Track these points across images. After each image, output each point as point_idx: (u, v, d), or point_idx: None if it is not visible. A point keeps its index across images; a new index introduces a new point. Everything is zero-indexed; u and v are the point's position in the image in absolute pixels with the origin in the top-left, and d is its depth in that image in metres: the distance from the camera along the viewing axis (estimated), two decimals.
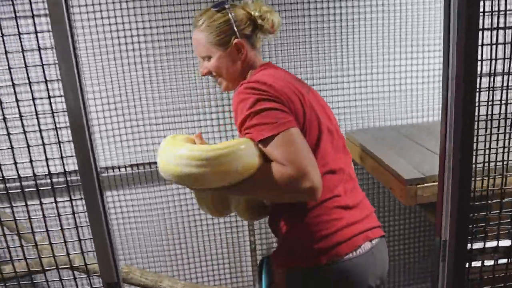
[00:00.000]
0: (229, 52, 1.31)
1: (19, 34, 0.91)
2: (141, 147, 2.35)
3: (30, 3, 0.89)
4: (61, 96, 0.92)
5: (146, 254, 2.53)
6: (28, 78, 0.92)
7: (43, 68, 0.93)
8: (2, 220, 1.06)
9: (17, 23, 0.90)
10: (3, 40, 0.89)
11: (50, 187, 0.96)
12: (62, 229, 1.02)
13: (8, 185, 1.02)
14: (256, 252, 2.58)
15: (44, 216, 1.02)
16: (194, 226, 2.51)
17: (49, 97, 0.94)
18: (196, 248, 2.56)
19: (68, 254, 1.05)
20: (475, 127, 0.95)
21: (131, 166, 2.36)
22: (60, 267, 1.07)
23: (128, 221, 2.46)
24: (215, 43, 1.30)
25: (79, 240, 1.03)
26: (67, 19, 0.88)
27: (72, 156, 0.96)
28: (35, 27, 0.89)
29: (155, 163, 2.26)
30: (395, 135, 2.21)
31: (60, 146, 0.97)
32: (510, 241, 1.06)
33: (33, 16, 0.90)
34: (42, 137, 0.96)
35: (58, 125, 0.96)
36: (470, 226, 1.01)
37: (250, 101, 1.14)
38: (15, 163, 0.97)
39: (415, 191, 1.61)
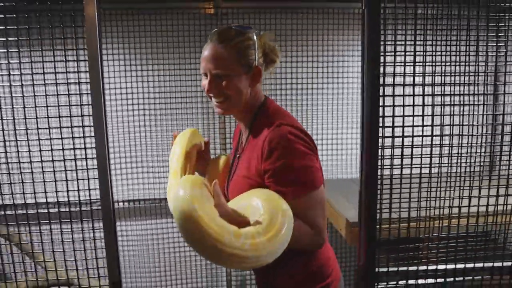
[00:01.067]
0: (251, 76, 1.29)
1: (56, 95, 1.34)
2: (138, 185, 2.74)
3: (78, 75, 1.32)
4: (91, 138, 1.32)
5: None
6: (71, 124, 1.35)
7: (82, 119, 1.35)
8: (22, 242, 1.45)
9: (69, 90, 1.33)
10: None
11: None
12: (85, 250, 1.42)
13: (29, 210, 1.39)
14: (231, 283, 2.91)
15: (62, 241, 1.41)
16: (179, 257, 2.86)
17: (85, 147, 1.36)
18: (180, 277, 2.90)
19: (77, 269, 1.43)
20: (379, 183, 1.36)
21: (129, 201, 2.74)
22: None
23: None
24: (243, 64, 1.26)
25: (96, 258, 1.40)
26: (101, 82, 1.27)
27: (95, 188, 1.36)
28: (79, 87, 1.31)
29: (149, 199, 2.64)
30: (351, 185, 2.64)
31: (88, 182, 1.38)
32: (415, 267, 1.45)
33: (79, 83, 1.33)
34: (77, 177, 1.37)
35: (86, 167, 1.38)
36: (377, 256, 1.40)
37: (297, 152, 1.17)
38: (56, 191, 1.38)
39: (356, 233, 2.02)
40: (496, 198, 1.35)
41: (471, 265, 1.42)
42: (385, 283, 1.44)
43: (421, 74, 1.23)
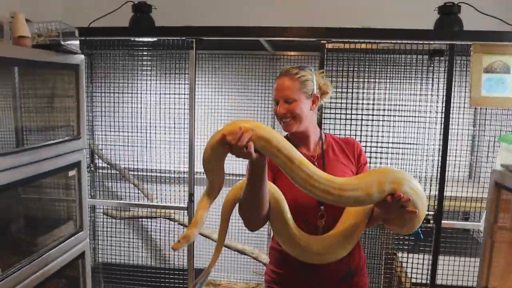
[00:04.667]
0: (310, 101, 1.55)
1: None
2: None
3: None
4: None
5: None
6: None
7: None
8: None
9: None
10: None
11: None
12: None
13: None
14: None
15: None
16: None
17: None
18: None
19: None
20: None
21: None
22: None
23: None
24: (304, 92, 1.53)
25: None
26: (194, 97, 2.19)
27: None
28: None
29: None
30: None
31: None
32: None
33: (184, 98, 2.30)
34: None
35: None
36: None
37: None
38: None
39: None
40: None
41: None
42: None
43: None
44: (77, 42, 2.05)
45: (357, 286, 1.56)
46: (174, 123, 2.80)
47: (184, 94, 2.69)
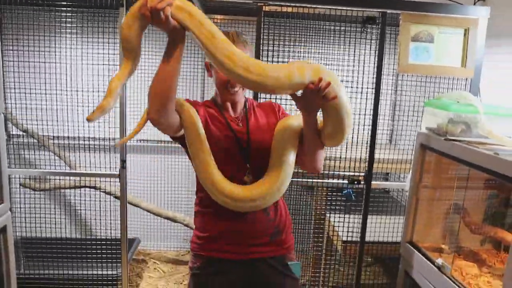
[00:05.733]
0: None
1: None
2: None
3: None
4: None
5: None
6: None
7: None
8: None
9: None
10: None
11: None
12: None
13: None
14: None
15: None
16: None
17: None
18: None
19: None
20: None
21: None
22: None
23: None
24: None
25: None
26: None
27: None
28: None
29: None
30: None
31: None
32: None
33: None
34: None
35: None
36: None
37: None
38: None
39: None
40: None
41: None
42: None
43: None
44: None
45: (284, 244, 1.59)
46: (98, 88, 2.61)
47: (109, 54, 2.52)
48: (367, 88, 2.34)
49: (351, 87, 2.35)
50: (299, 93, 1.32)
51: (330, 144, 1.48)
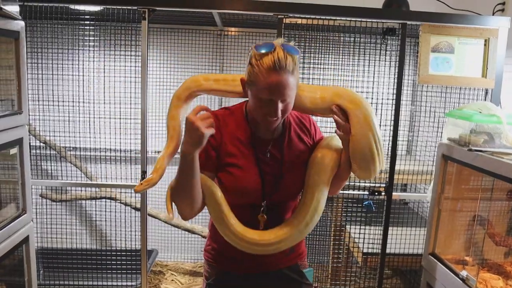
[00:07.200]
0: None
1: None
2: None
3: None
4: None
5: None
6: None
7: None
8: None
9: None
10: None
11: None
12: None
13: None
14: None
15: None
16: None
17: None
18: None
19: None
20: None
21: None
22: None
23: None
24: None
25: None
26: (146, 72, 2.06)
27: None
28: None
29: None
30: None
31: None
32: None
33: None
34: None
35: None
36: None
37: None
38: None
39: None
40: None
41: None
42: None
43: None
44: (17, 7, 1.85)
45: (297, 252, 1.53)
46: (120, 100, 2.65)
47: (131, 67, 2.56)
48: (387, 99, 2.34)
49: (372, 98, 2.35)
50: None
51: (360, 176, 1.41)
